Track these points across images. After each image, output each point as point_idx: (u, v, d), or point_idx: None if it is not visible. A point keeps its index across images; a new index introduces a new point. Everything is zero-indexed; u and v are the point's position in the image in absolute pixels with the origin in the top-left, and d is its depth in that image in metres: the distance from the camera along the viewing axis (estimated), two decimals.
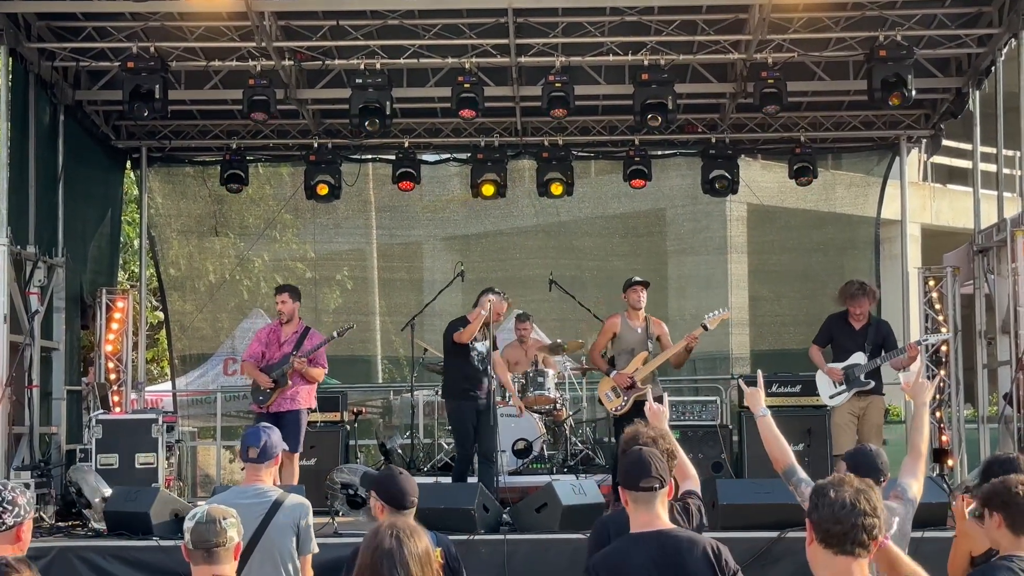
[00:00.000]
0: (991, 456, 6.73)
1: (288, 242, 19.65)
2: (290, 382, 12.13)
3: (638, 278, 12.85)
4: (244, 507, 5.94)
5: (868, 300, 12.65)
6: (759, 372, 6.56)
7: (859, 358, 12.33)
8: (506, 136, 16.26)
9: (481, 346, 12.42)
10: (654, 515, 5.15)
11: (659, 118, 13.73)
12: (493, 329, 12.55)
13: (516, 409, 13.62)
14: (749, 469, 13.17)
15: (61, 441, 13.88)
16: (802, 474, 5.80)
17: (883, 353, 12.36)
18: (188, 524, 5.11)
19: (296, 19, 13.90)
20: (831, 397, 12.45)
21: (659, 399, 12.40)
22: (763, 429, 5.89)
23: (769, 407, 6.20)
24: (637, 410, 12.04)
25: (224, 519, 5.07)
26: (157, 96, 13.29)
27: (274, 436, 6.95)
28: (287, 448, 11.62)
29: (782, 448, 5.81)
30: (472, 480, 12.25)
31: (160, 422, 13.19)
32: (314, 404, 12.64)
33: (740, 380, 7.32)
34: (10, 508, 5.17)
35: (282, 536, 6.59)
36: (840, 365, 12.39)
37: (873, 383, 12.36)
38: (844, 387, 12.33)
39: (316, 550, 6.74)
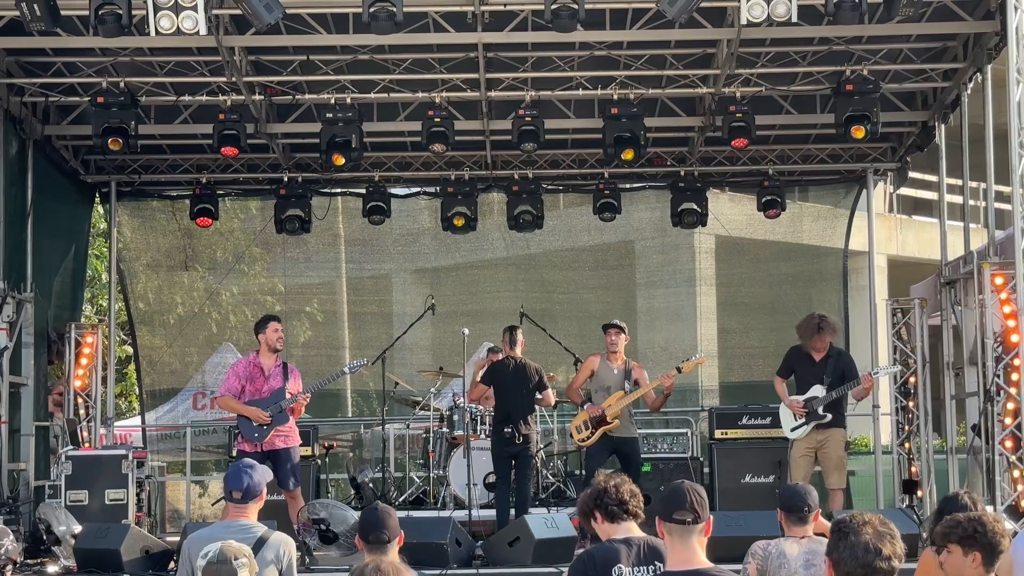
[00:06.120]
0: (945, 497, 6.80)
1: (257, 275, 19.60)
2: (290, 419, 11.67)
3: (615, 321, 12.72)
4: None
5: (827, 334, 12.24)
6: None
7: (818, 391, 12.07)
8: (476, 169, 16.29)
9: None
10: (691, 551, 5.02)
11: (631, 152, 13.86)
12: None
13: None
14: (720, 501, 13.15)
15: (29, 477, 13.78)
16: None
17: (842, 385, 12.15)
18: (200, 562, 5.13)
19: (266, 54, 13.93)
20: (792, 430, 12.18)
21: (632, 441, 12.56)
22: None
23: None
24: (603, 442, 12.36)
25: (236, 559, 5.08)
26: (129, 131, 13.30)
27: (256, 475, 6.93)
28: (289, 487, 11.66)
29: None
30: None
31: (130, 458, 13.11)
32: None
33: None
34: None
35: (266, 572, 6.58)
36: (800, 398, 12.14)
37: (830, 416, 12.06)
38: (803, 420, 12.09)
39: None
